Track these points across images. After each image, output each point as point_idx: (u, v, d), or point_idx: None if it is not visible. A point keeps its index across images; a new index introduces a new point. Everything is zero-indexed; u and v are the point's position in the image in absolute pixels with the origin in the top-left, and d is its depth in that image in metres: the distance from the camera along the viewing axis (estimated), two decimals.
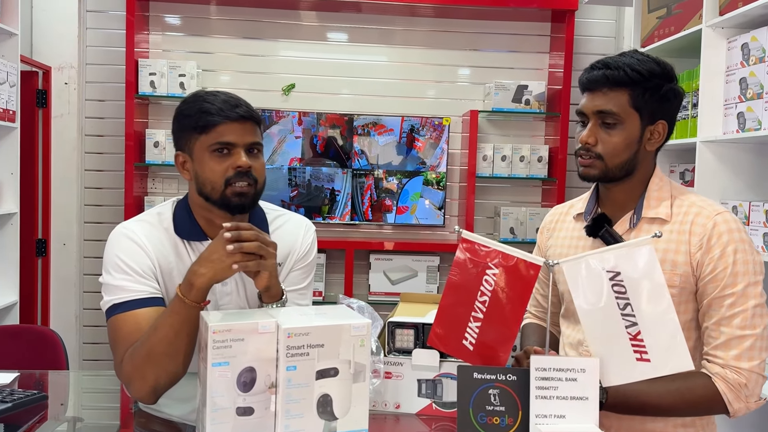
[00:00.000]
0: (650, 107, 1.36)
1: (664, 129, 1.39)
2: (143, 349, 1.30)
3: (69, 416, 1.52)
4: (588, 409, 1.14)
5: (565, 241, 1.53)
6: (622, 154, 1.37)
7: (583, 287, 1.18)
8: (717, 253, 1.32)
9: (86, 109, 3.61)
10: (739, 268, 1.30)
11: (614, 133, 1.36)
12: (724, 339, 1.30)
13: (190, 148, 1.44)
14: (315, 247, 1.64)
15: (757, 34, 2.24)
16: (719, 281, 1.31)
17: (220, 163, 1.41)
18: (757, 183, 2.46)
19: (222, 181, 1.40)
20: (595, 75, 1.38)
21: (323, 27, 3.72)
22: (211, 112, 1.40)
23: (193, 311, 1.28)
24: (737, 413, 1.30)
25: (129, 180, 3.42)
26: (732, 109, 2.38)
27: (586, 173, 1.40)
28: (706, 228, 1.34)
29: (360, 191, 3.63)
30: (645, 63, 1.36)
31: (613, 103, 1.35)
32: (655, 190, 1.41)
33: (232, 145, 1.41)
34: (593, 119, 1.38)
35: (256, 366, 1.13)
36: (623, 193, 1.43)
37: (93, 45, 3.61)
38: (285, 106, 3.65)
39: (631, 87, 1.35)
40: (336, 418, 1.18)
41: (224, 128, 1.40)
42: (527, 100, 3.59)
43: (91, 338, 3.63)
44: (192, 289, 1.28)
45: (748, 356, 1.28)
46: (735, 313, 1.30)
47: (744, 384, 1.28)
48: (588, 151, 1.38)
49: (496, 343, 1.25)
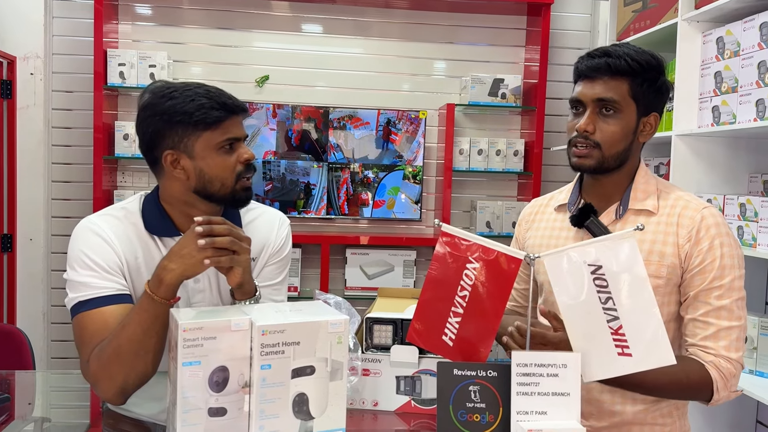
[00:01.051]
0: (647, 98, 1.37)
1: (655, 121, 1.40)
2: (110, 349, 1.25)
3: (36, 416, 1.47)
4: (570, 405, 1.12)
5: (545, 233, 1.52)
6: (619, 144, 1.36)
7: (564, 281, 1.17)
8: (706, 246, 1.32)
9: (53, 100, 3.51)
10: (726, 261, 1.32)
11: (612, 122, 1.35)
12: (713, 330, 1.31)
13: (189, 145, 1.36)
14: (290, 241, 1.60)
15: (732, 28, 2.25)
16: (707, 273, 1.32)
17: (227, 158, 1.38)
18: (732, 177, 2.48)
19: (233, 177, 1.39)
20: (596, 63, 1.36)
21: (297, 18, 3.66)
22: (215, 107, 1.35)
23: (162, 308, 1.23)
24: (719, 401, 1.32)
25: (98, 173, 3.34)
26: (707, 103, 2.39)
27: (581, 163, 1.38)
28: (695, 221, 1.34)
29: (336, 185, 3.59)
30: (642, 54, 1.36)
31: (614, 91, 1.35)
32: (641, 182, 1.42)
33: (236, 139, 1.39)
34: (591, 107, 1.37)
35: (228, 365, 1.10)
36: (611, 185, 1.43)
37: (60, 34, 3.51)
38: (259, 98, 3.60)
39: (632, 77, 1.35)
40: (312, 418, 1.15)
41: (230, 123, 1.38)
42: (503, 94, 3.58)
43: (60, 336, 3.55)
44: (161, 285, 1.24)
45: (735, 347, 1.31)
46: (722, 305, 1.31)
47: (734, 374, 1.30)
48: (586, 140, 1.36)
49: (476, 339, 1.22)
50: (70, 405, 1.63)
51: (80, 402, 1.61)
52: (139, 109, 1.40)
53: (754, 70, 2.13)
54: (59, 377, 1.99)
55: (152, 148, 1.40)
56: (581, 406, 1.13)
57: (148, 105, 1.38)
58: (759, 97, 2.11)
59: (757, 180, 2.43)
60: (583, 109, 1.38)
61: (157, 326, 1.24)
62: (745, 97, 2.18)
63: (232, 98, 1.40)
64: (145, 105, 1.39)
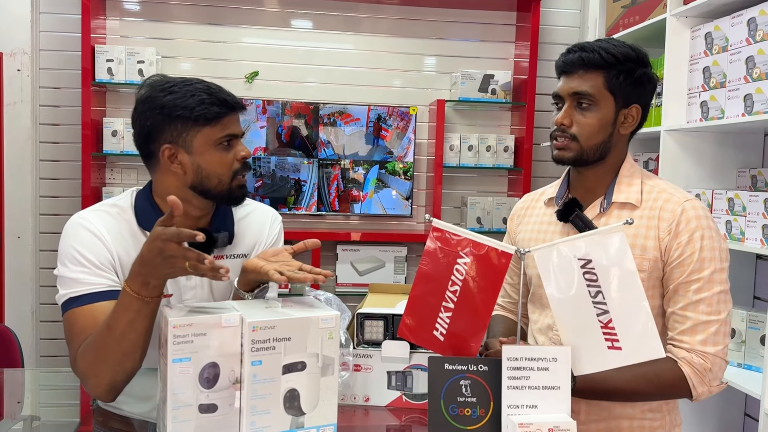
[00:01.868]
0: (624, 91, 1.38)
1: (637, 113, 1.41)
2: (96, 347, 1.23)
3: (25, 414, 1.46)
4: (560, 399, 1.12)
5: (534, 227, 1.53)
6: (597, 136, 1.38)
7: (554, 275, 1.17)
8: (685, 239, 1.33)
9: (40, 96, 3.48)
10: (706, 254, 1.32)
11: (589, 115, 1.37)
12: (690, 324, 1.31)
13: (187, 140, 1.36)
14: (282, 237, 1.60)
15: (720, 24, 2.27)
16: (686, 266, 1.32)
17: (225, 155, 1.38)
18: (720, 171, 2.50)
19: (230, 174, 1.39)
20: (570, 58, 1.39)
21: (287, 13, 3.65)
22: (215, 103, 1.35)
23: (149, 305, 1.20)
24: (700, 397, 1.32)
25: (86, 170, 3.31)
26: (695, 98, 2.41)
27: (560, 156, 1.41)
28: (675, 214, 1.35)
29: (326, 181, 3.59)
30: (620, 47, 1.38)
31: (588, 84, 1.37)
32: (626, 176, 1.42)
33: (234, 137, 1.40)
34: (569, 101, 1.39)
35: (219, 361, 1.09)
36: (595, 178, 1.44)
37: (47, 30, 3.47)
38: (248, 94, 3.58)
39: (606, 69, 1.36)
40: (303, 414, 1.15)
41: (229, 120, 1.38)
42: (493, 90, 3.59)
43: (49, 334, 3.52)
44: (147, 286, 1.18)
45: (713, 341, 1.30)
46: (701, 298, 1.31)
47: (709, 368, 1.30)
48: (563, 132, 1.39)
49: (467, 334, 1.23)
50: (59, 403, 1.62)
51: (70, 400, 1.60)
52: (136, 102, 1.39)
53: (742, 65, 2.15)
54: (48, 375, 1.98)
55: (149, 141, 1.38)
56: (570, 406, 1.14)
57: (147, 98, 1.37)
58: (747, 92, 2.12)
59: (745, 175, 2.45)
60: (563, 104, 1.41)
61: (146, 323, 1.21)
62: (733, 92, 2.19)
63: (232, 95, 1.40)
64: (143, 98, 1.38)
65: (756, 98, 2.08)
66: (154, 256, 1.14)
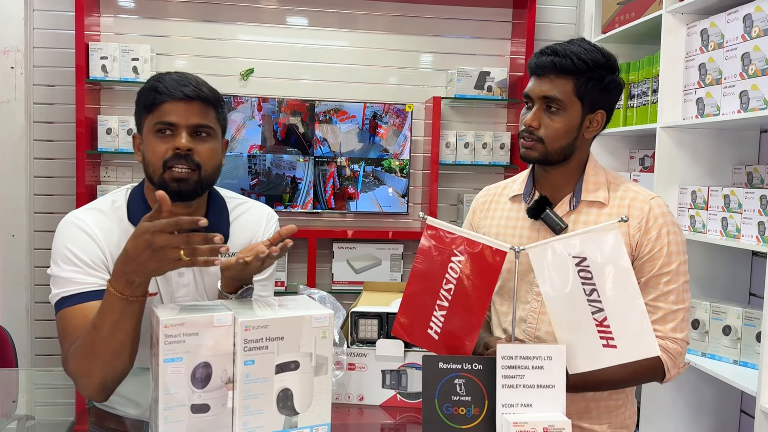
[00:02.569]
0: (592, 97, 1.41)
1: (602, 118, 1.45)
2: (85, 347, 1.22)
3: (20, 414, 1.45)
4: (555, 397, 1.12)
5: (501, 222, 1.55)
6: (562, 140, 1.42)
7: (549, 273, 1.17)
8: (654, 235, 1.39)
9: (34, 94, 3.46)
10: (673, 248, 1.39)
11: (557, 119, 1.41)
12: (661, 314, 1.38)
13: (141, 127, 1.39)
14: None
15: (716, 20, 2.26)
16: (656, 260, 1.39)
17: (161, 144, 1.34)
18: (716, 168, 2.50)
19: (160, 164, 1.33)
20: (543, 61, 1.42)
21: (282, 10, 3.63)
22: (158, 90, 1.34)
23: (134, 305, 1.18)
24: (671, 378, 1.40)
25: (80, 168, 3.30)
26: (691, 95, 2.40)
27: (527, 155, 1.45)
28: (643, 211, 1.41)
29: (322, 179, 3.58)
30: (591, 53, 1.40)
31: (558, 89, 1.40)
32: (591, 175, 1.48)
33: (174, 126, 1.34)
34: (538, 103, 1.42)
35: (211, 361, 1.08)
36: (561, 177, 1.48)
37: (41, 27, 3.45)
38: (244, 92, 3.57)
39: (577, 75, 1.39)
40: (297, 413, 1.14)
41: (168, 107, 1.33)
42: (489, 87, 3.58)
43: (43, 333, 3.51)
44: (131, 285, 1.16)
45: (681, 327, 1.39)
46: (670, 290, 1.39)
47: (680, 352, 1.39)
48: (531, 134, 1.42)
49: (461, 332, 1.22)
50: (54, 402, 1.61)
51: (65, 399, 1.59)
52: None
53: (737, 62, 2.14)
54: (43, 374, 1.97)
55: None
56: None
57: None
58: (743, 88, 2.12)
59: (740, 171, 2.45)
60: (533, 104, 1.43)
61: (133, 323, 1.19)
62: (729, 89, 2.19)
63: (188, 85, 1.34)
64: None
65: (752, 95, 2.07)
66: (141, 251, 1.11)
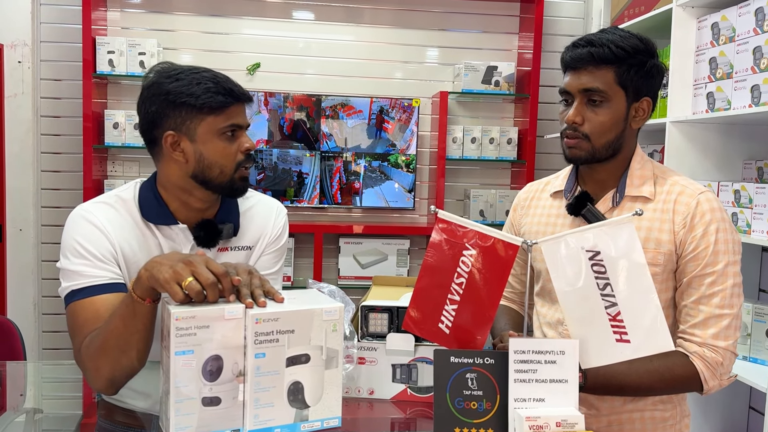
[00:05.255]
0: (635, 84, 1.34)
1: (648, 106, 1.38)
2: (98, 341, 1.22)
3: (28, 407, 1.45)
4: (568, 392, 1.11)
5: (542, 219, 1.51)
6: (609, 133, 1.34)
7: (562, 267, 1.15)
8: (700, 232, 1.31)
9: (41, 88, 3.46)
10: (720, 247, 1.31)
11: (601, 112, 1.34)
12: (702, 317, 1.30)
13: (191, 128, 1.35)
14: (287, 230, 1.59)
15: (727, 14, 2.24)
16: (701, 260, 1.31)
17: (230, 146, 1.37)
18: (726, 163, 2.48)
19: (233, 165, 1.38)
20: (579, 53, 1.34)
21: (288, 5, 3.62)
22: (221, 92, 1.34)
23: (139, 306, 1.17)
24: (711, 390, 1.31)
25: (87, 163, 3.30)
26: (702, 89, 2.38)
27: (573, 155, 1.37)
28: (690, 207, 1.33)
29: (329, 174, 3.57)
30: (628, 39, 1.33)
31: (599, 80, 1.32)
32: (637, 168, 1.40)
33: (239, 127, 1.38)
34: (579, 98, 1.35)
35: (222, 354, 1.08)
36: (606, 172, 1.41)
37: (48, 22, 3.45)
38: (250, 86, 3.56)
39: (617, 64, 1.32)
40: (308, 406, 1.14)
41: (235, 110, 1.37)
42: (497, 82, 3.56)
43: (51, 327, 3.52)
44: (138, 282, 1.16)
45: (724, 335, 1.29)
46: (714, 291, 1.30)
47: (720, 362, 1.29)
48: (575, 131, 1.35)
49: (473, 326, 1.21)
50: (62, 396, 1.61)
51: (72, 393, 1.59)
52: (142, 89, 1.39)
53: (749, 55, 2.12)
54: (51, 368, 1.97)
55: (153, 128, 1.37)
56: (581, 402, 1.12)
57: (153, 84, 1.36)
58: (754, 83, 2.10)
59: (751, 166, 2.43)
60: (572, 100, 1.36)
61: (138, 323, 1.18)
62: (740, 83, 2.17)
63: (239, 86, 1.39)
64: (150, 84, 1.37)
65: (763, 89, 2.05)
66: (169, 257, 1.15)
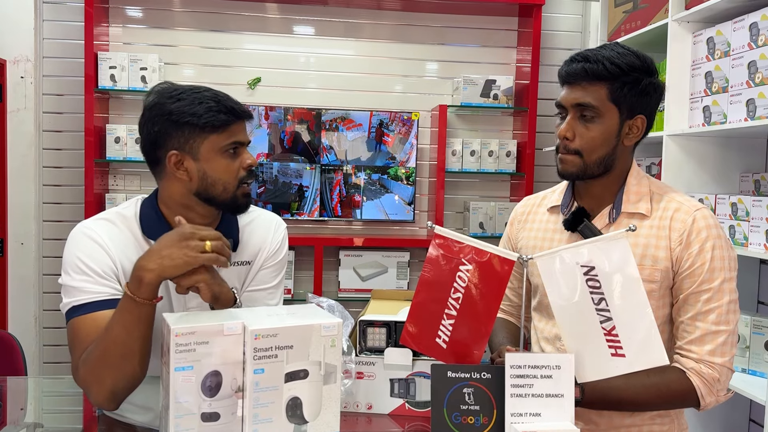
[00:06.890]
0: (629, 101, 1.34)
1: (642, 123, 1.37)
2: (97, 352, 1.24)
3: (29, 421, 1.46)
4: (564, 406, 1.12)
5: (539, 234, 1.51)
6: (600, 149, 1.35)
7: (557, 282, 1.17)
8: (696, 249, 1.32)
9: (44, 103, 3.49)
10: (716, 264, 1.31)
11: (592, 127, 1.34)
12: (699, 334, 1.30)
13: (194, 147, 1.37)
14: (286, 245, 1.60)
15: (722, 28, 2.26)
16: (696, 276, 1.31)
17: (232, 162, 1.39)
18: (723, 176, 2.49)
19: (236, 182, 1.40)
20: (574, 68, 1.35)
21: (289, 20, 3.66)
22: (222, 111, 1.36)
23: (144, 309, 1.22)
24: (708, 407, 1.31)
25: (89, 177, 3.32)
26: (698, 103, 2.40)
27: (565, 171, 1.38)
28: (686, 224, 1.33)
29: (329, 187, 3.59)
30: (625, 56, 1.33)
31: (591, 96, 1.33)
32: (633, 185, 1.40)
33: (240, 144, 1.41)
34: (572, 112, 1.36)
35: (221, 369, 1.09)
36: (601, 188, 1.41)
37: (50, 37, 3.49)
38: (251, 100, 3.59)
39: (610, 81, 1.32)
40: (306, 422, 1.14)
41: (236, 128, 1.40)
42: (495, 95, 3.59)
43: (52, 341, 3.52)
44: (141, 285, 1.21)
45: (721, 351, 1.29)
46: (711, 308, 1.30)
47: (717, 378, 1.29)
48: (566, 148, 1.36)
49: (470, 341, 1.22)
50: (62, 410, 1.61)
51: (73, 407, 1.59)
52: (144, 109, 1.41)
53: (744, 70, 2.14)
54: (51, 382, 1.98)
55: (156, 148, 1.39)
56: (579, 416, 1.13)
57: (155, 105, 1.38)
58: (749, 96, 2.12)
59: (748, 179, 2.44)
60: (566, 114, 1.37)
61: (141, 328, 1.22)
62: (735, 97, 2.19)
63: (239, 104, 1.41)
64: (152, 105, 1.39)
65: (758, 103, 2.07)
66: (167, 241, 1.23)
